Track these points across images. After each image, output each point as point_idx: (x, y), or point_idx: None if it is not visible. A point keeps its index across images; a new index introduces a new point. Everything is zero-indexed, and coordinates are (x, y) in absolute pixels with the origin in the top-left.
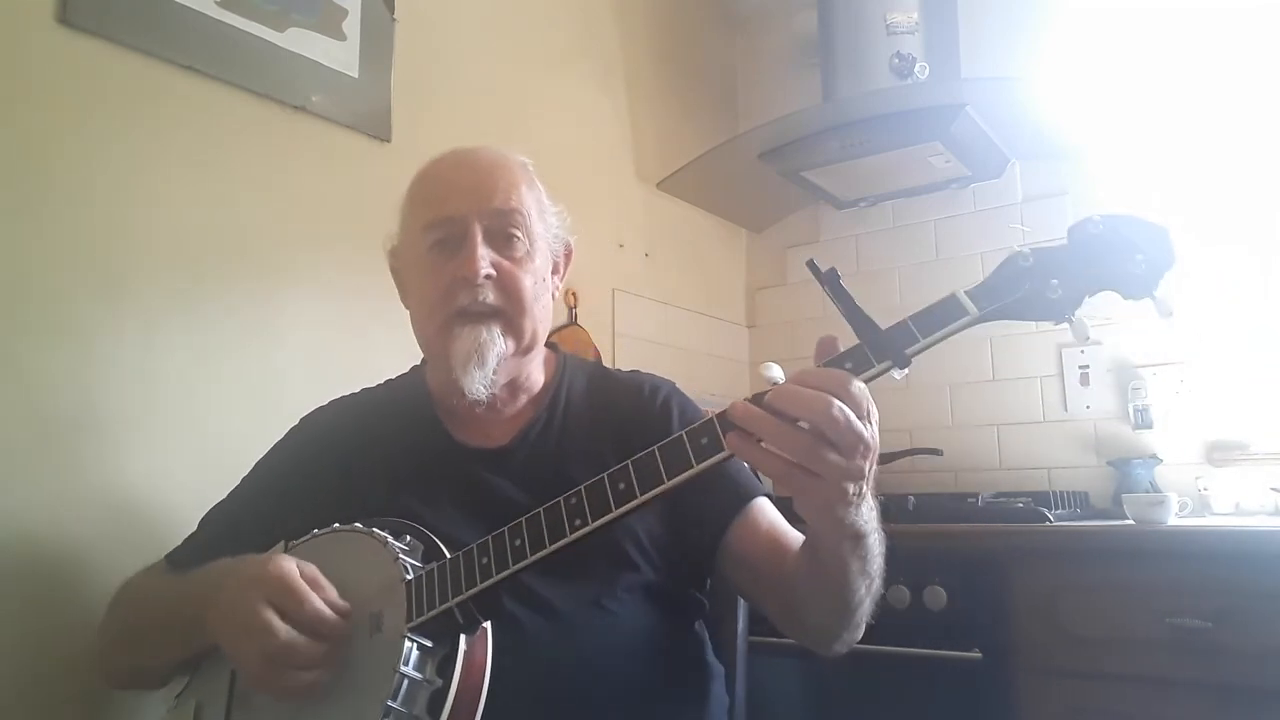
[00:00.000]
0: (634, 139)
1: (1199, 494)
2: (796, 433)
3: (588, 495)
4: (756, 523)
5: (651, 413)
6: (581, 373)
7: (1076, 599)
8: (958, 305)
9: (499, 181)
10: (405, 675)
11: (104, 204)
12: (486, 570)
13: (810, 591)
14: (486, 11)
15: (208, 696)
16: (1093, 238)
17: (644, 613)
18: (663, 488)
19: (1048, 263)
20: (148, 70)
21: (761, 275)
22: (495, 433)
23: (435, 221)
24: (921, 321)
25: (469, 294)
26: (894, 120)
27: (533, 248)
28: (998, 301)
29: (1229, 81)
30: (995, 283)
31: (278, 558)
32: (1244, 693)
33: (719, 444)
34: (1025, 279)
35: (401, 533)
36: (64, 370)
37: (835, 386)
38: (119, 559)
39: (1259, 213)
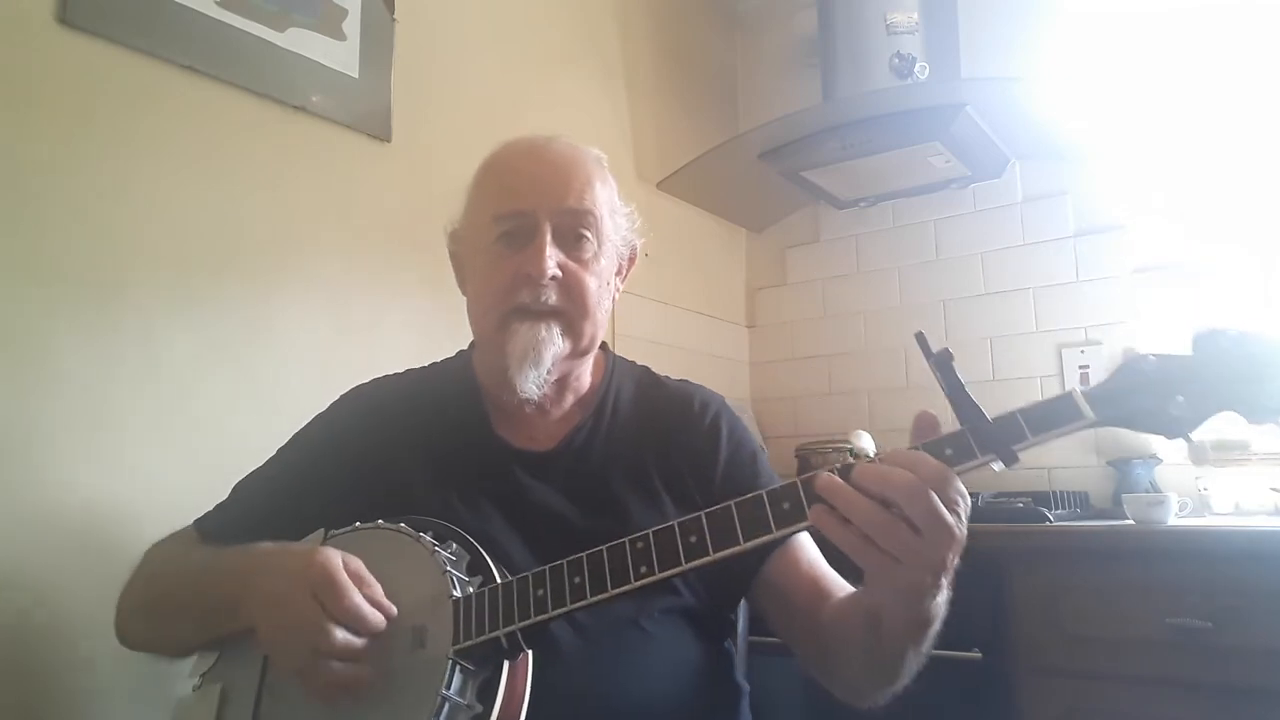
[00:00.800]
0: (634, 139)
1: (1199, 494)
2: (885, 516)
3: (656, 543)
4: (798, 558)
5: (699, 431)
6: (630, 378)
7: (1076, 599)
8: (1074, 408)
9: (574, 179)
10: (446, 698)
11: (104, 204)
12: (542, 604)
13: (853, 653)
14: (486, 11)
15: (235, 681)
16: (1222, 353)
17: (680, 634)
18: (737, 549)
19: (1172, 375)
20: (148, 70)
21: (761, 275)
22: (540, 435)
23: (505, 213)
24: (1033, 419)
25: (532, 292)
26: (894, 120)
27: (600, 249)
28: (1116, 410)
29: (1229, 81)
30: (1115, 388)
31: (324, 549)
32: (1244, 693)
33: (801, 512)
34: (1148, 389)
35: (446, 539)
36: (63, 370)
37: (935, 479)
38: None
39: (1259, 213)
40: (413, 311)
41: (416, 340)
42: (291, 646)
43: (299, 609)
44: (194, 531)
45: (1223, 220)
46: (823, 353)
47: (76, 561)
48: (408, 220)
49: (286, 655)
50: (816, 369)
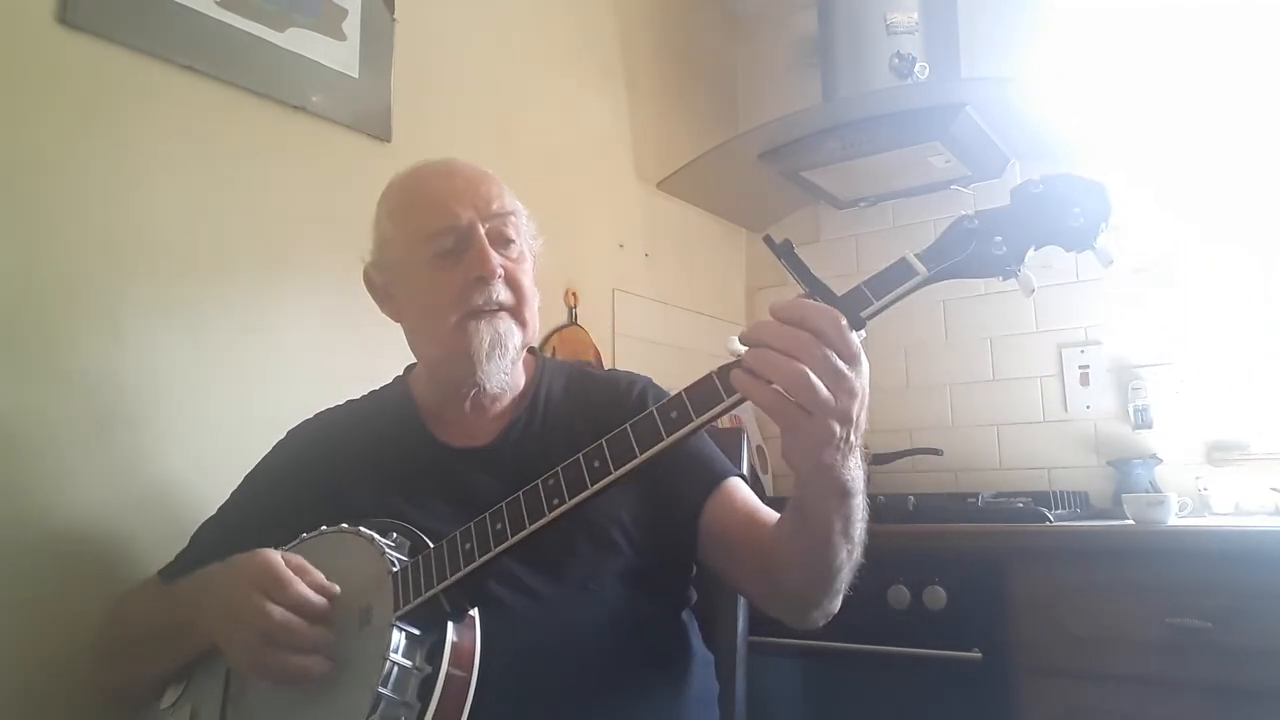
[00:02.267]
0: (634, 139)
1: (1199, 494)
2: (790, 364)
3: (564, 474)
4: (731, 500)
5: (627, 404)
6: (560, 373)
7: (1076, 599)
8: (908, 267)
9: (491, 186)
10: (395, 662)
11: (104, 203)
12: (470, 555)
13: (790, 555)
14: (486, 11)
15: (202, 700)
16: (1033, 196)
17: (627, 595)
18: (635, 461)
19: (991, 222)
20: (148, 70)
21: (761, 275)
22: (479, 433)
23: (441, 229)
24: (874, 284)
25: (483, 293)
26: (894, 120)
27: (524, 248)
28: (946, 260)
29: (1229, 81)
30: (943, 244)
31: (262, 550)
32: (1244, 693)
33: (686, 416)
34: (971, 238)
35: (388, 530)
36: (63, 369)
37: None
38: (118, 558)
39: (1259, 213)
40: None
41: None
42: (240, 639)
43: (243, 601)
44: (157, 580)
45: (1222, 220)
46: None
47: (77, 561)
48: None
49: (238, 649)
50: None
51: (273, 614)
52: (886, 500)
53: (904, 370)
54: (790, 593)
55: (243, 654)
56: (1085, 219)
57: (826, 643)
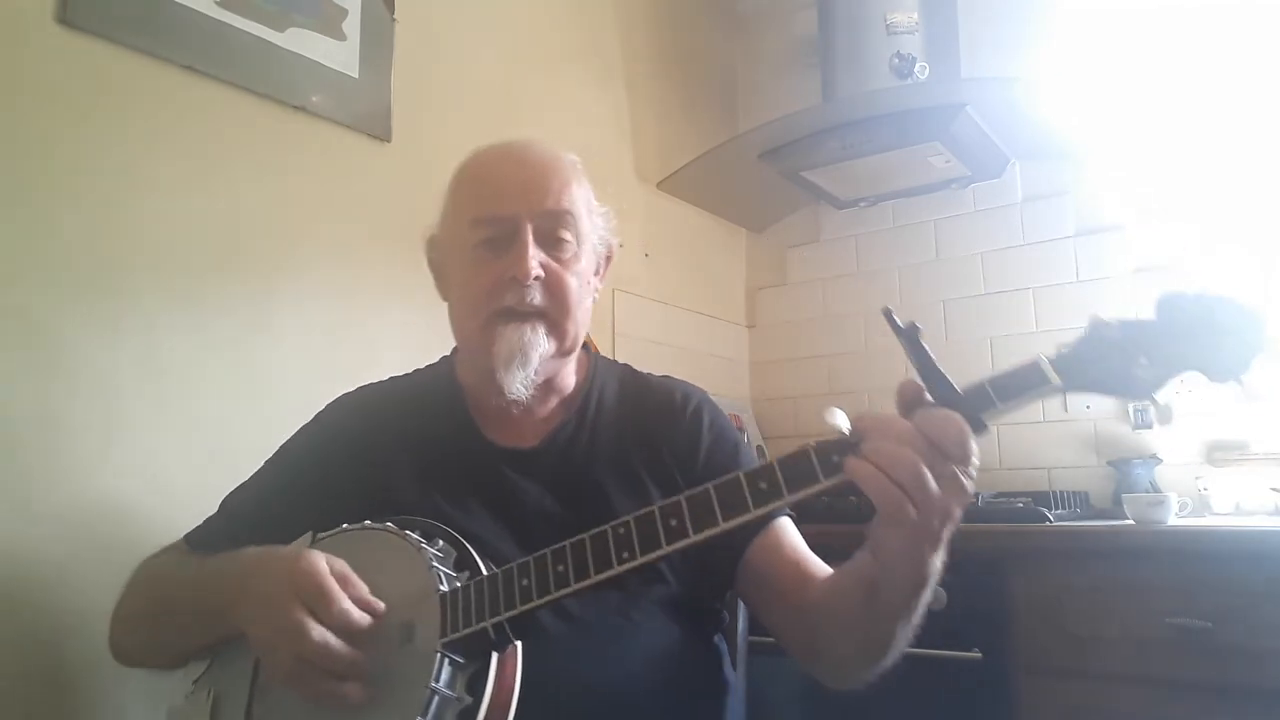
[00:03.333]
0: (634, 139)
1: (1199, 494)
2: (910, 454)
3: (637, 528)
4: (779, 541)
5: (682, 423)
6: (613, 376)
7: (1076, 599)
8: (1040, 374)
9: (551, 180)
10: (436, 691)
11: (103, 203)
12: (527, 593)
13: (844, 627)
14: (486, 11)
15: (227, 686)
16: (1183, 315)
17: (667, 624)
18: (715, 530)
19: (1136, 338)
20: (148, 70)
21: (761, 275)
22: (526, 433)
23: (485, 218)
24: (1001, 386)
25: (516, 294)
26: (894, 120)
27: (580, 249)
28: (1082, 373)
29: (1229, 82)
30: (1080, 352)
31: (308, 553)
32: (1244, 693)
33: (778, 491)
34: (1112, 353)
35: (433, 536)
36: (64, 369)
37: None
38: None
39: (1259, 213)
40: (412, 310)
41: (416, 339)
42: (278, 652)
43: (284, 614)
44: (184, 545)
45: (1222, 220)
46: (823, 353)
47: (79, 559)
48: (407, 220)
49: (274, 661)
50: (816, 369)
51: (312, 634)
52: None
53: (904, 370)
54: (835, 659)
55: (277, 666)
56: (1239, 351)
57: None
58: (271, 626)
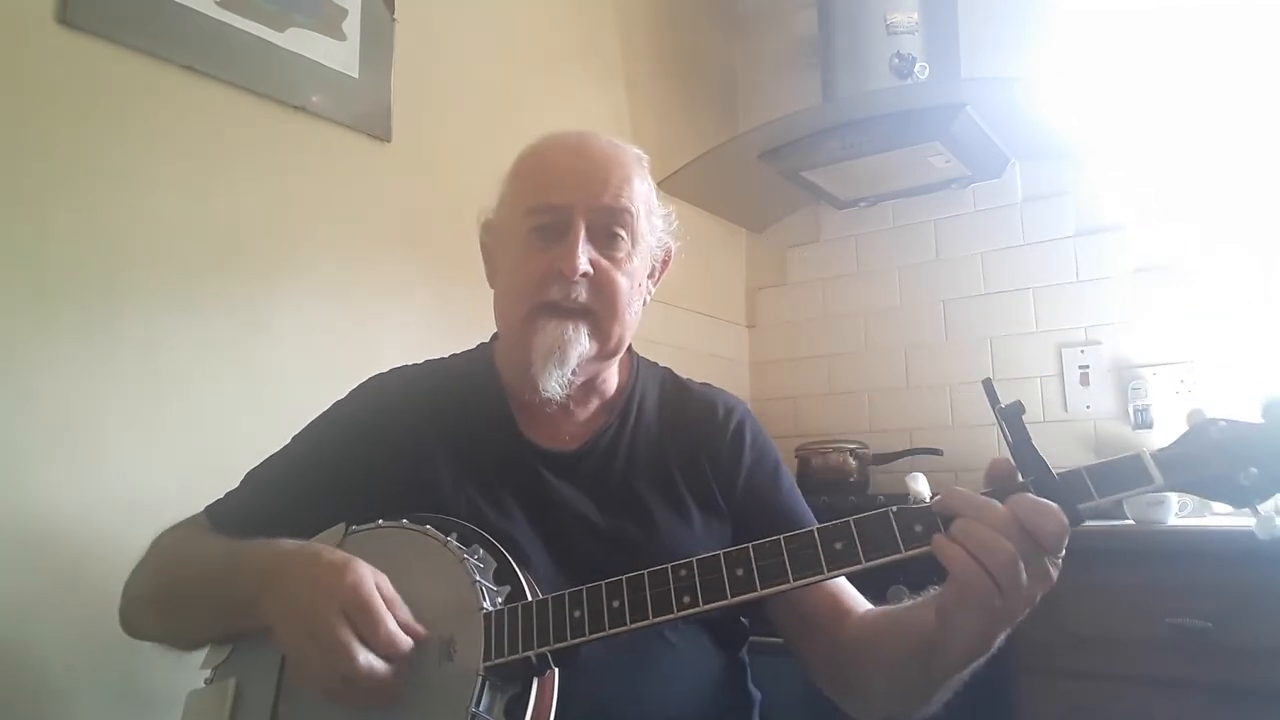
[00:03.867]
0: (634, 139)
1: None
2: (1008, 545)
3: (700, 574)
4: None
5: (724, 437)
6: (655, 380)
7: (1076, 599)
8: (1143, 471)
9: (612, 175)
10: (477, 716)
11: (103, 203)
12: (579, 626)
13: (891, 676)
14: (486, 11)
15: (252, 679)
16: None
17: (701, 644)
18: (785, 587)
19: (1244, 443)
20: (148, 70)
21: (761, 275)
22: (565, 434)
23: (539, 207)
24: (1100, 478)
25: (562, 289)
26: (894, 120)
27: (634, 249)
28: (1185, 475)
29: (1229, 82)
30: (1185, 451)
31: (354, 565)
32: (1244, 693)
33: (854, 554)
34: (1218, 457)
35: (472, 543)
36: (62, 369)
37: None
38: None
39: (1259, 213)
40: (412, 311)
41: (416, 339)
42: (317, 665)
43: (328, 629)
44: (205, 519)
45: (1222, 220)
46: (823, 353)
47: (76, 560)
48: (407, 220)
49: (311, 672)
50: (816, 369)
51: (358, 658)
52: (886, 500)
53: (904, 370)
54: (869, 698)
55: (312, 677)
56: None
57: None
58: (310, 637)
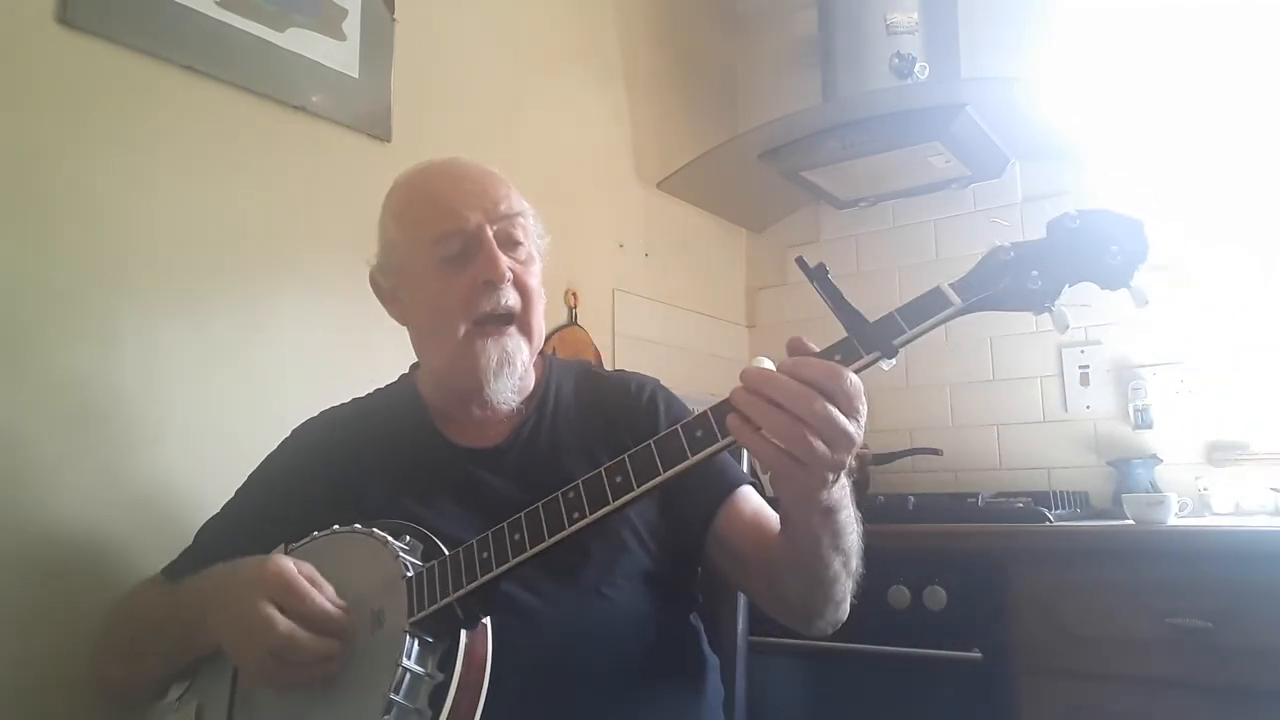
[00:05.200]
0: (634, 139)
1: (1199, 494)
2: (790, 422)
3: (585, 489)
4: (741, 509)
5: (639, 408)
6: (568, 372)
7: (1076, 599)
8: (942, 297)
9: (498, 187)
10: (407, 669)
11: (103, 204)
12: (487, 564)
13: (785, 567)
14: (486, 11)
15: (209, 698)
16: (1070, 231)
17: (641, 599)
18: (658, 479)
19: (1028, 255)
20: (148, 70)
21: (761, 275)
22: (489, 433)
23: (448, 233)
24: (907, 313)
25: (491, 298)
26: (894, 120)
27: (532, 249)
28: (980, 292)
29: (1229, 82)
30: (978, 275)
31: (275, 557)
32: (1244, 693)
33: (713, 435)
34: (1006, 271)
35: (400, 533)
36: (62, 369)
37: (828, 380)
38: (117, 557)
39: (1259, 213)
40: None
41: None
42: (252, 653)
43: (252, 612)
44: (161, 578)
45: (1223, 220)
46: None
47: (76, 562)
48: None
49: (248, 662)
50: None
51: (279, 625)
52: (886, 500)
53: (904, 370)
54: (791, 602)
55: (249, 664)
56: (1123, 257)
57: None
58: (241, 626)
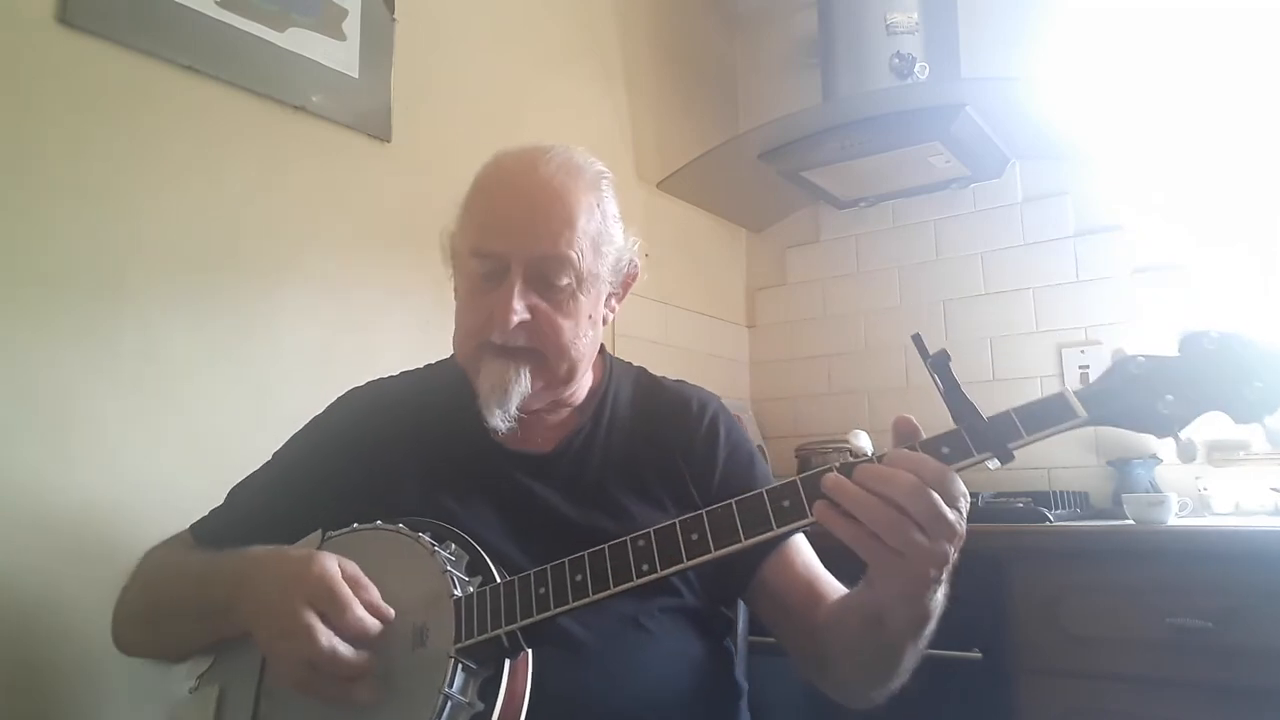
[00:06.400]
0: (634, 139)
1: (1199, 494)
2: (890, 512)
3: (658, 541)
4: (792, 560)
5: (698, 433)
6: (628, 379)
7: (1076, 599)
8: (1067, 408)
9: (551, 220)
10: (449, 697)
11: (103, 204)
12: (544, 602)
13: (851, 653)
14: (486, 11)
15: (233, 683)
16: (1207, 354)
17: (680, 633)
18: (737, 546)
19: (1161, 375)
20: (148, 70)
21: (761, 275)
22: (538, 438)
23: (480, 251)
24: (1027, 417)
25: (501, 333)
26: (894, 120)
27: (580, 286)
28: (1107, 409)
29: (1230, 81)
30: (1107, 387)
31: (320, 556)
32: (1244, 693)
33: (802, 510)
34: (1137, 389)
35: (445, 539)
36: (63, 369)
37: (931, 476)
38: (116, 558)
39: (1259, 213)
40: (412, 310)
41: (416, 339)
42: (287, 657)
43: (293, 618)
44: (189, 536)
45: (1223, 220)
46: (823, 353)
47: (75, 562)
48: (407, 220)
49: (283, 665)
50: (816, 369)
51: (320, 639)
52: None
53: (904, 370)
54: (840, 680)
55: (284, 669)
56: (1264, 394)
57: None
58: (279, 628)
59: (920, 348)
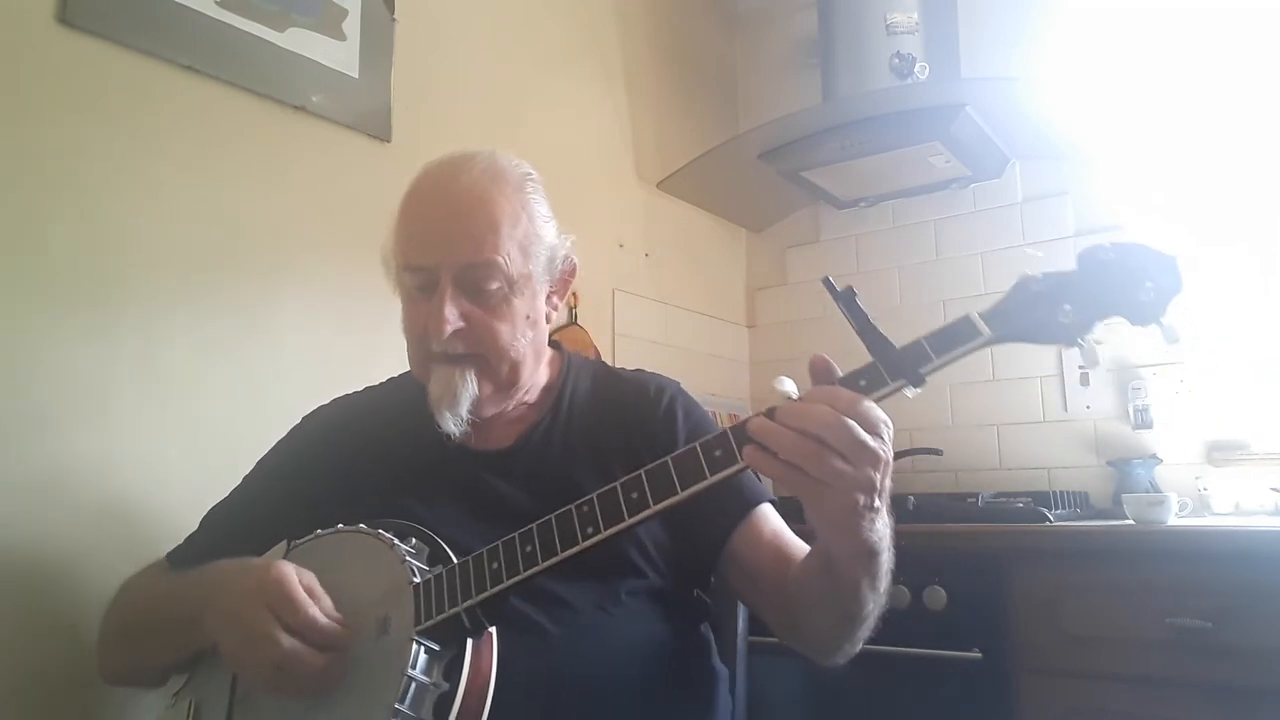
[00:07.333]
0: (634, 139)
1: (1199, 494)
2: (805, 441)
3: (600, 503)
4: (760, 529)
5: (656, 416)
6: (586, 372)
7: (1076, 599)
8: (971, 327)
9: (474, 228)
10: (412, 678)
11: (103, 204)
12: (497, 575)
13: (815, 602)
14: (486, 11)
15: (207, 695)
16: (1102, 264)
17: (648, 616)
18: (676, 498)
19: (1059, 287)
20: (148, 70)
21: (761, 275)
22: (497, 435)
23: (411, 265)
24: (936, 341)
25: (439, 343)
26: (894, 120)
27: (512, 289)
28: (1010, 324)
29: (1230, 81)
30: (1008, 306)
31: (277, 564)
32: (1244, 693)
33: (733, 456)
34: (1037, 303)
35: (406, 535)
36: (63, 369)
37: (843, 403)
38: (116, 558)
39: (1259, 213)
40: None
41: None
42: (251, 661)
43: (253, 623)
44: (164, 563)
45: (1223, 220)
46: (823, 353)
47: (75, 560)
48: None
49: (249, 670)
50: None
51: (281, 643)
52: None
53: None
54: (812, 634)
55: (251, 673)
56: (1156, 294)
57: None
58: (242, 636)
59: (830, 288)
